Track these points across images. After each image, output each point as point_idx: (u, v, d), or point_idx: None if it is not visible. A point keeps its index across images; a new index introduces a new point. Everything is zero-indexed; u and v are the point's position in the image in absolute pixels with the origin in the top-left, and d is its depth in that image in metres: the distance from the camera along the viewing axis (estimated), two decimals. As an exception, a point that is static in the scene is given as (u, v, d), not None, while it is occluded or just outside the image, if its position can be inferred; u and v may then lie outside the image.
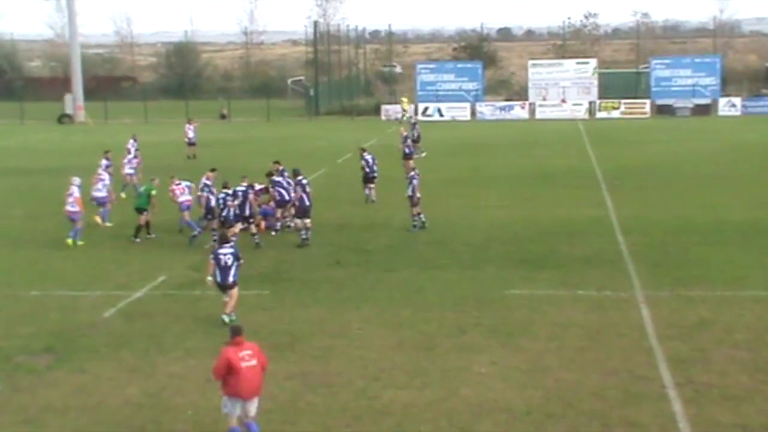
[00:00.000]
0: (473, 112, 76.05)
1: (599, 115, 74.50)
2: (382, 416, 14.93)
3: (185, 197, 30.15)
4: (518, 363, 17.24)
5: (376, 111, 78.49)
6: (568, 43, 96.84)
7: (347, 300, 21.64)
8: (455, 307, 20.91)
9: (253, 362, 13.81)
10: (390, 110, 77.22)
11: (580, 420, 14.63)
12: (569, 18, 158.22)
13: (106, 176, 32.70)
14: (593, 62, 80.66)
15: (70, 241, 28.28)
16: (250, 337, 18.84)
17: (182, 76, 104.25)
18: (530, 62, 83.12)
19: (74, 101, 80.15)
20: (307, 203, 27.84)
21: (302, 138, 61.38)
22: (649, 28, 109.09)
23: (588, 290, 22.13)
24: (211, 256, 20.43)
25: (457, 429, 14.42)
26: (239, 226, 27.49)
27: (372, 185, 34.08)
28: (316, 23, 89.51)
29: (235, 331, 14.14)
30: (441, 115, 74.90)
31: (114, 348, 18.52)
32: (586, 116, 74.25)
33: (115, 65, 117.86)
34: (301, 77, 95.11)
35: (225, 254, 20.10)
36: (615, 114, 74.36)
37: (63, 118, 79.15)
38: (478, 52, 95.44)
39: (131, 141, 43.39)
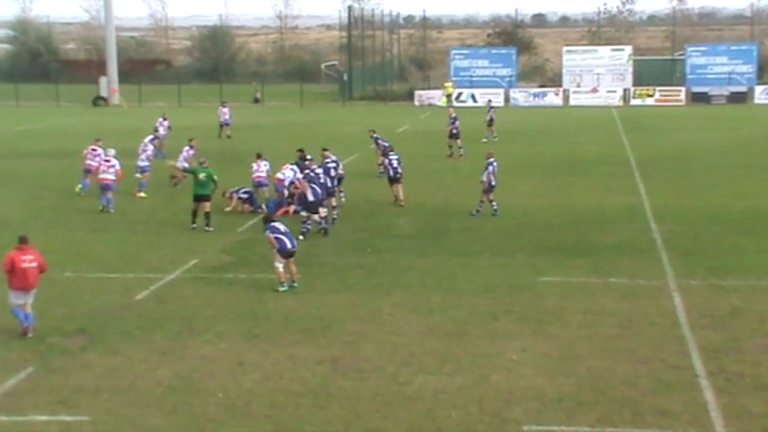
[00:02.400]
0: (507, 98, 75.79)
1: (633, 102, 74.03)
2: (412, 402, 14.95)
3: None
4: (549, 350, 17.20)
5: (410, 96, 78.41)
6: (602, 30, 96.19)
7: (378, 286, 21.65)
8: (486, 293, 20.88)
9: (33, 264, 17.84)
10: (423, 96, 77.10)
11: (611, 408, 14.58)
12: (605, 4, 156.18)
13: (150, 147, 33.86)
14: (628, 49, 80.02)
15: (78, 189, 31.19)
16: (280, 322, 19.04)
17: (216, 59, 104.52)
18: (564, 49, 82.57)
19: (109, 84, 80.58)
20: (311, 198, 26.17)
21: (335, 123, 61.42)
22: (685, 15, 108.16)
23: (620, 278, 22.03)
24: (267, 231, 21.27)
25: (487, 416, 14.41)
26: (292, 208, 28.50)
27: (399, 185, 32.59)
28: (350, 8, 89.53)
29: (22, 240, 18.11)
30: (475, 101, 74.67)
31: (146, 330, 18.64)
32: (621, 103, 73.82)
33: (150, 48, 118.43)
34: (335, 62, 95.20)
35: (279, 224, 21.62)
36: (649, 101, 73.87)
37: (98, 101, 79.61)
38: (513, 38, 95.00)
39: (161, 120, 44.50)
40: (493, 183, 29.28)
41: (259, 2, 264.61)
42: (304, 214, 26.79)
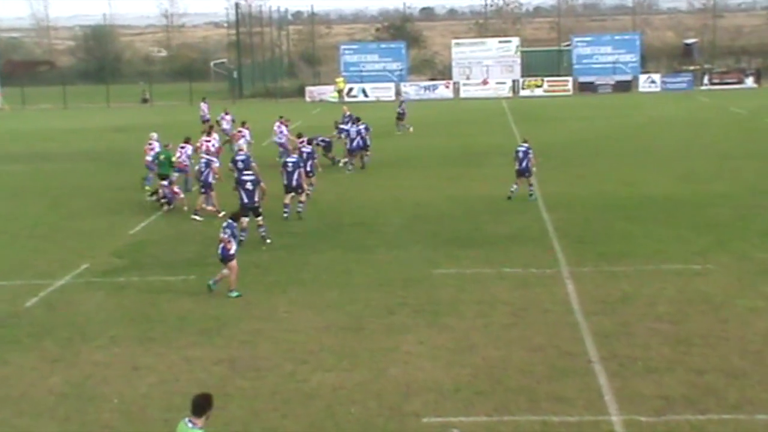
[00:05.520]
0: (398, 92, 76.11)
1: (523, 93, 75.13)
2: (311, 399, 14.88)
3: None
4: (445, 342, 17.30)
5: (301, 93, 78.13)
6: (490, 22, 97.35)
7: (274, 283, 21.51)
8: (382, 287, 20.91)
9: None
10: (314, 92, 76.94)
11: (508, 396, 14.73)
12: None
13: (189, 147, 33.04)
14: (516, 41, 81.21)
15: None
16: (175, 324, 18.76)
17: (101, 59, 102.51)
18: (453, 41, 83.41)
19: (-11, 87, 78.53)
20: (246, 200, 25.67)
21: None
22: (570, 6, 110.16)
23: (514, 267, 22.28)
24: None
25: (386, 409, 14.42)
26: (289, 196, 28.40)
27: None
28: (237, 5, 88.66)
29: None
30: (366, 96, 74.81)
31: (36, 338, 18.18)
32: (510, 94, 74.81)
33: (32, 49, 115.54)
34: (224, 60, 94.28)
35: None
36: (538, 92, 75.05)
37: (-22, 105, 77.49)
38: (401, 32, 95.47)
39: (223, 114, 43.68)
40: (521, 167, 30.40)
41: (143, 1, 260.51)
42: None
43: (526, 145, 30.79)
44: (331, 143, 38.54)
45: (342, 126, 40.42)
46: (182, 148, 32.43)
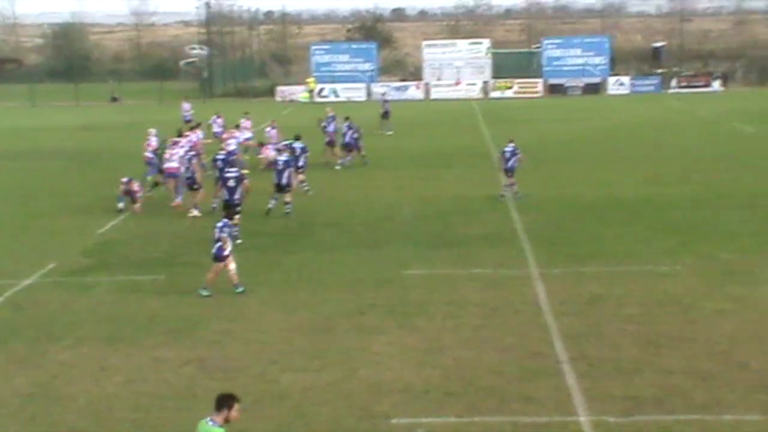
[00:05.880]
0: (369, 93, 76.11)
1: (493, 94, 75.30)
2: (280, 400, 14.83)
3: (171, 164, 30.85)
4: (416, 342, 17.29)
5: (271, 93, 77.95)
6: (461, 24, 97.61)
7: (244, 284, 21.41)
8: (353, 288, 20.88)
9: None
10: (285, 92, 76.79)
11: (478, 397, 14.74)
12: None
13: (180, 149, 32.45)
14: (486, 42, 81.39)
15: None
16: (144, 324, 18.64)
17: (70, 58, 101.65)
18: (424, 43, 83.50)
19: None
20: (227, 197, 25.94)
21: (196, 120, 60.34)
22: (540, 9, 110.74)
23: (484, 268, 22.32)
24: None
25: (356, 410, 14.40)
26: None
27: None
28: (207, 4, 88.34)
29: None
30: (337, 96, 74.73)
31: (2, 338, 18.01)
32: (481, 96, 74.97)
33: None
34: (194, 59, 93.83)
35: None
36: (508, 93, 75.26)
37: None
38: (373, 32, 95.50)
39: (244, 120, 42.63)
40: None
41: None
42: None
43: (512, 145, 31.00)
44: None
45: (324, 125, 40.57)
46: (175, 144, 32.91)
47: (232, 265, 20.53)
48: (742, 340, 17.07)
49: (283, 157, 29.35)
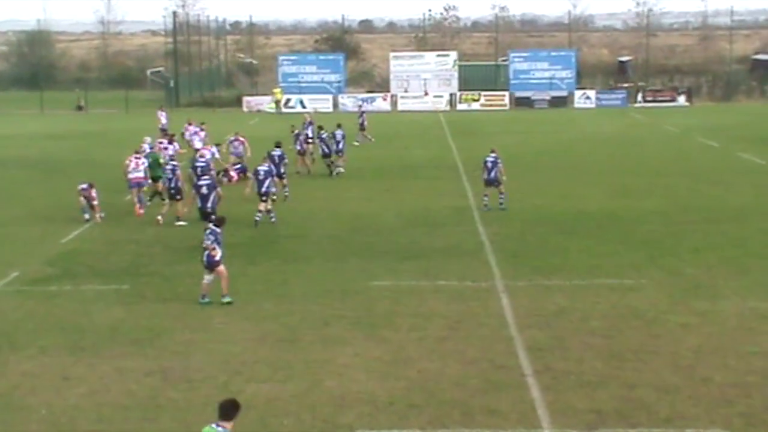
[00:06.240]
0: (336, 104, 76.08)
1: (460, 107, 75.53)
2: (244, 410, 14.56)
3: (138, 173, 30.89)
4: (381, 354, 17.28)
5: (238, 103, 77.75)
6: (428, 36, 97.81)
7: (209, 294, 21.29)
8: (319, 299, 20.84)
9: None
10: (252, 102, 76.64)
11: (442, 409, 14.74)
12: (430, 11, 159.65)
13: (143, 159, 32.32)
14: (453, 55, 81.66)
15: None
16: (107, 334, 18.49)
17: (36, 66, 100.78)
18: (392, 54, 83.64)
19: None
20: (199, 204, 27.13)
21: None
22: (508, 22, 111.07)
23: (449, 280, 22.35)
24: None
25: (320, 421, 14.36)
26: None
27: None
28: (175, 13, 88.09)
29: None
30: (303, 107, 74.62)
31: (-37, 347, 17.81)
32: (448, 108, 75.19)
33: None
34: (161, 68, 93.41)
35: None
36: (475, 106, 75.51)
37: None
38: (340, 43, 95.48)
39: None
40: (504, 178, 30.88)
41: (80, 7, 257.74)
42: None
43: (494, 155, 31.03)
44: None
45: (308, 132, 41.04)
46: (165, 149, 34.30)
47: (207, 277, 20.41)
48: (705, 354, 17.19)
49: (264, 167, 29.32)
